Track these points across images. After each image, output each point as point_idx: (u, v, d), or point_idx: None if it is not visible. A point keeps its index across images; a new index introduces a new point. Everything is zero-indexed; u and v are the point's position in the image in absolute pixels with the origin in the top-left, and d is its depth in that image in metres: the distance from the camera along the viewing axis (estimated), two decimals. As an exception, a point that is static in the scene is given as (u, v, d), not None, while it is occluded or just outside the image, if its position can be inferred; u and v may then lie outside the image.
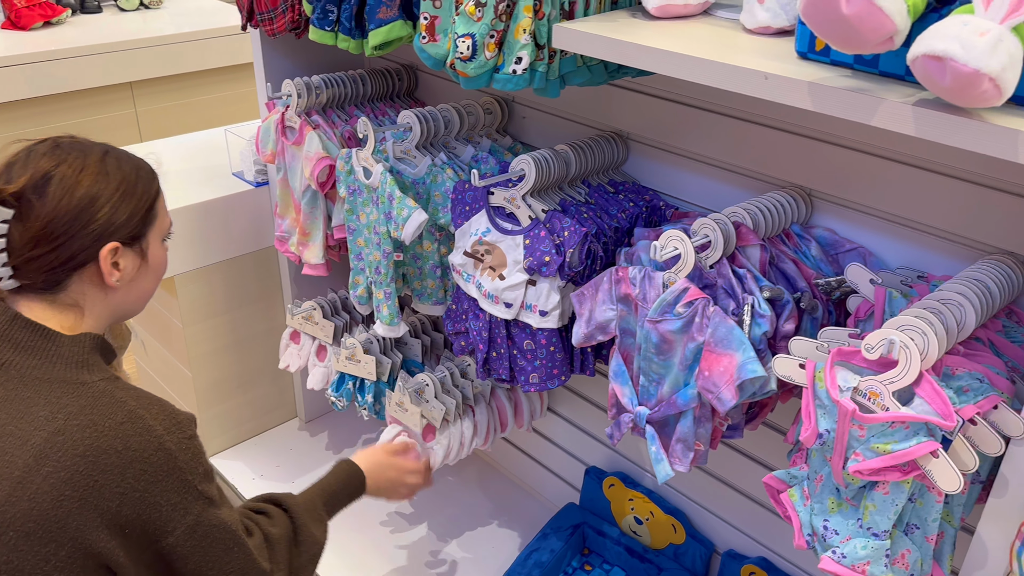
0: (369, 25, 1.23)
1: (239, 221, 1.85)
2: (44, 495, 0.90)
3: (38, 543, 0.91)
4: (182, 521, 0.98)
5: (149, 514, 0.95)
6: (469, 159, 1.50)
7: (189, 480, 0.98)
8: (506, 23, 1.06)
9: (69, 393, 0.95)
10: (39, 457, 0.91)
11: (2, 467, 0.91)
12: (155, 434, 0.96)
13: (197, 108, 3.16)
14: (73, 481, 0.91)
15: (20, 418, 0.93)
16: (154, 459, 0.95)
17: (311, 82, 1.61)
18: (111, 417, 0.95)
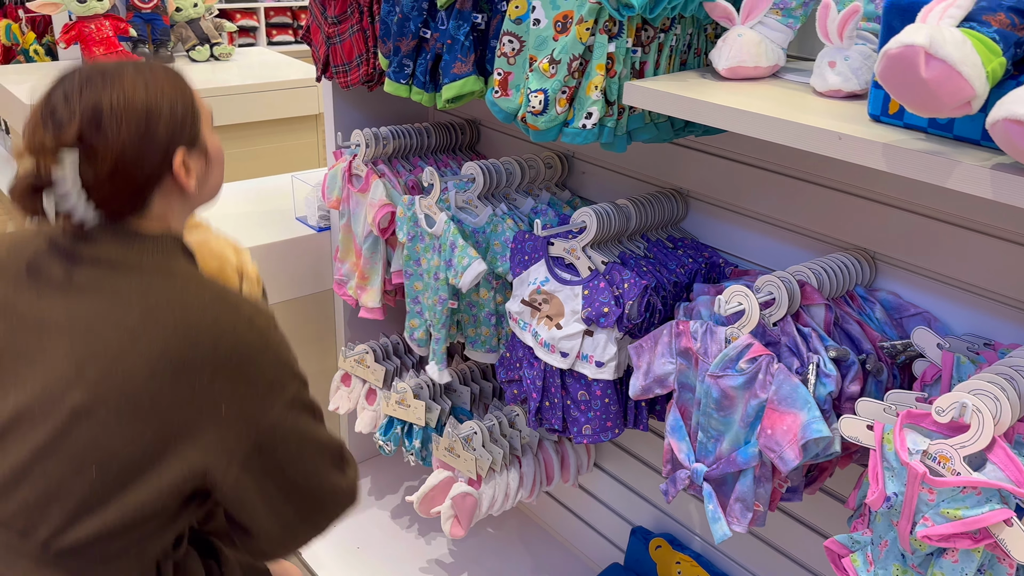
0: (443, 79, 1.28)
1: (300, 264, 1.90)
2: (137, 371, 0.91)
3: (128, 421, 0.91)
4: (280, 397, 0.97)
5: (244, 390, 0.94)
6: (529, 211, 1.53)
7: (283, 357, 0.99)
8: (578, 80, 1.09)
9: (160, 278, 0.97)
10: (133, 335, 0.92)
11: (97, 347, 0.92)
12: (244, 312, 0.98)
13: (261, 156, 3.27)
14: (166, 355, 0.92)
15: (114, 303, 0.94)
16: (246, 335, 0.96)
17: (379, 133, 1.67)
18: (200, 296, 0.97)
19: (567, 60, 1.08)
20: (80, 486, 0.92)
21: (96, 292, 0.95)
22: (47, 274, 0.96)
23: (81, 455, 0.91)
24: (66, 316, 0.94)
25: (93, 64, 0.97)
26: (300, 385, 1.01)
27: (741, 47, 1.05)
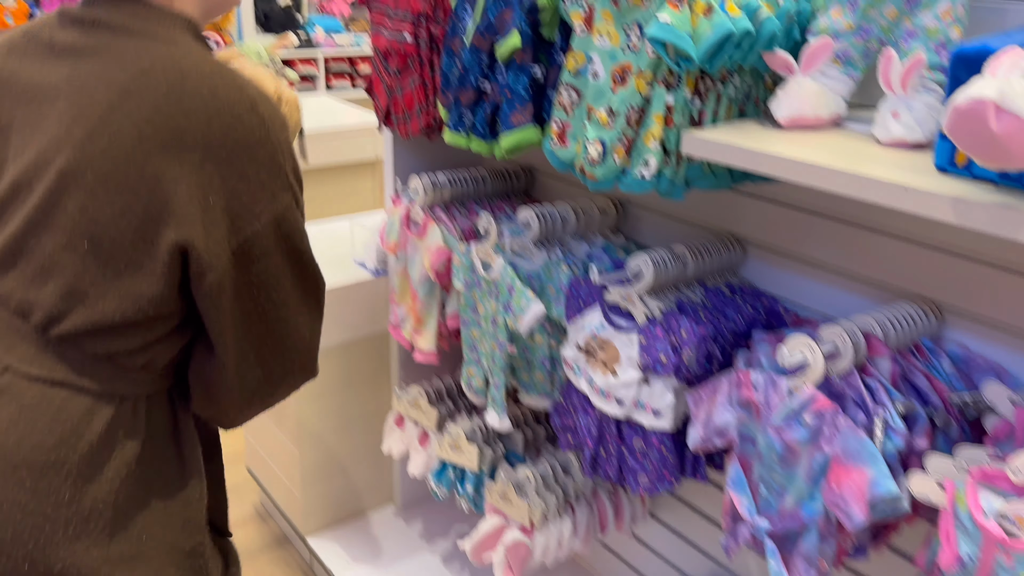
0: (502, 129, 1.30)
1: (358, 307, 1.93)
2: (125, 133, 0.85)
3: (115, 190, 0.85)
4: (268, 208, 0.90)
5: (235, 184, 0.87)
6: (584, 256, 1.54)
7: (279, 161, 0.90)
8: (636, 130, 1.10)
9: (161, 43, 0.90)
10: (122, 94, 0.86)
11: (86, 106, 0.87)
12: (247, 94, 0.89)
13: (322, 200, 3.36)
14: (155, 120, 0.85)
15: (111, 63, 0.88)
16: (245, 119, 0.88)
17: (437, 179, 1.70)
18: (201, 66, 0.89)
19: (625, 111, 1.09)
20: (73, 262, 0.87)
21: (97, 55, 0.90)
22: (53, 43, 0.92)
23: (71, 226, 0.87)
24: (66, 80, 0.90)
25: None
26: (291, 200, 0.92)
27: (801, 97, 1.05)
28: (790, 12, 1.07)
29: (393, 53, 1.59)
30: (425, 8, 1.49)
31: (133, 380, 0.94)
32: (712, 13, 1.00)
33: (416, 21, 1.52)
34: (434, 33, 1.51)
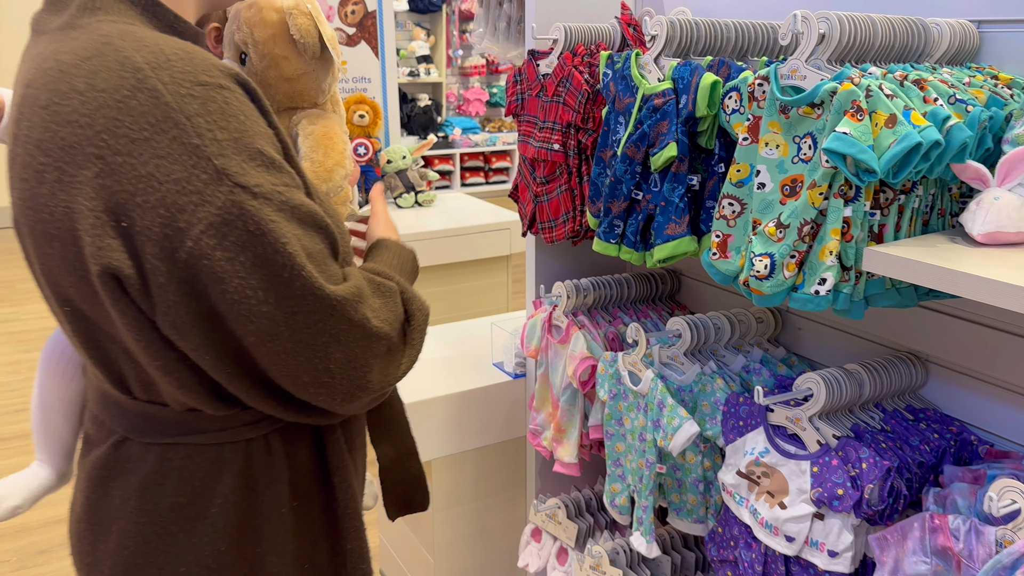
0: (656, 240, 1.25)
1: (495, 411, 1.89)
2: (28, 169, 0.71)
3: (46, 241, 0.72)
4: (197, 214, 0.69)
5: (146, 195, 0.68)
6: (740, 369, 1.44)
7: (197, 145, 0.69)
8: (809, 244, 1.03)
9: (56, 41, 0.74)
10: (18, 120, 0.73)
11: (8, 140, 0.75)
12: (131, 66, 0.69)
13: (455, 296, 3.41)
14: (43, 143, 0.70)
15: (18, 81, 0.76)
16: (132, 103, 0.68)
17: (580, 284, 1.67)
18: (79, 53, 0.71)
19: (797, 224, 1.02)
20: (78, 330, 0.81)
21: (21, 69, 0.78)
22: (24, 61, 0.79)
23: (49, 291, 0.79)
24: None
25: None
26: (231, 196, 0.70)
27: (999, 211, 0.95)
28: (982, 119, 0.99)
29: (541, 161, 1.59)
30: (575, 119, 1.49)
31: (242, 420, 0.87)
32: (896, 123, 0.93)
33: (565, 131, 1.52)
34: (583, 142, 1.50)
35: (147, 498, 0.87)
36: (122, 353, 0.81)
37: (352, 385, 0.83)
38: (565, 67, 1.52)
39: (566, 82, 1.52)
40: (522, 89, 1.66)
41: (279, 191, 0.73)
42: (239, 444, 0.88)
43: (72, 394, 1.07)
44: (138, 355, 0.79)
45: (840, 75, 1.00)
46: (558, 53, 1.56)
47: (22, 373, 3.68)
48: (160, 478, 0.87)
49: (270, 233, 0.72)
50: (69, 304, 0.77)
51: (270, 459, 0.90)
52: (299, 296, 0.75)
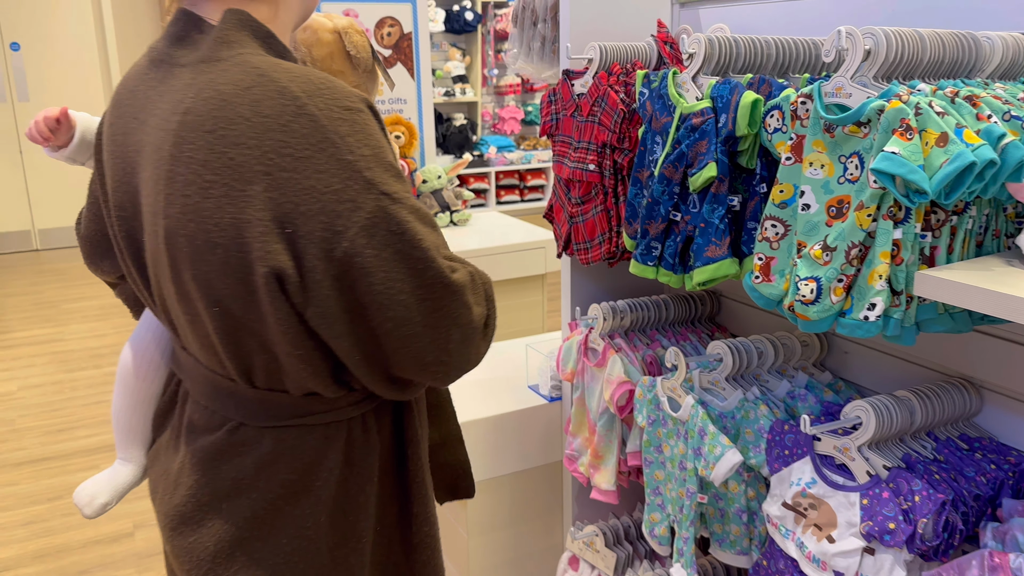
0: (695, 262, 1.22)
1: (531, 435, 1.86)
2: (191, 187, 0.81)
3: (207, 249, 0.82)
4: (352, 218, 0.80)
5: (309, 205, 0.79)
6: (784, 395, 1.40)
7: (349, 160, 0.81)
8: (857, 268, 0.99)
9: (203, 72, 0.83)
10: (177, 143, 0.82)
11: (158, 164, 0.83)
12: (291, 95, 0.80)
13: (487, 314, 3.39)
14: (211, 163, 0.80)
15: (169, 104, 0.84)
16: (295, 126, 0.79)
17: (616, 306, 1.64)
18: (238, 83, 0.81)
19: (844, 247, 0.98)
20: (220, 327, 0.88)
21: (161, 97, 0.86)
22: (138, 90, 0.91)
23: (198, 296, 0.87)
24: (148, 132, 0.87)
25: None
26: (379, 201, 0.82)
27: (1062, 231, 0.90)
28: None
29: (576, 182, 1.57)
30: (611, 139, 1.46)
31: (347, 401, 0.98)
32: (948, 142, 0.89)
33: (601, 151, 1.50)
34: (619, 162, 1.48)
35: (260, 476, 0.96)
36: (258, 346, 0.90)
37: (462, 364, 0.95)
38: (600, 86, 1.50)
39: (601, 102, 1.50)
40: (557, 109, 1.64)
41: (408, 196, 0.86)
42: (343, 423, 0.99)
43: (153, 393, 1.14)
44: (280, 346, 0.88)
45: (887, 92, 0.96)
46: (593, 72, 1.54)
47: (64, 393, 3.74)
48: (274, 457, 0.96)
49: (408, 231, 0.85)
50: (219, 304, 0.86)
51: (366, 435, 1.02)
52: (430, 284, 0.87)
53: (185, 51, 0.88)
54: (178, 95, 0.85)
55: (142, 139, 0.89)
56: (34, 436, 3.30)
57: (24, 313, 4.96)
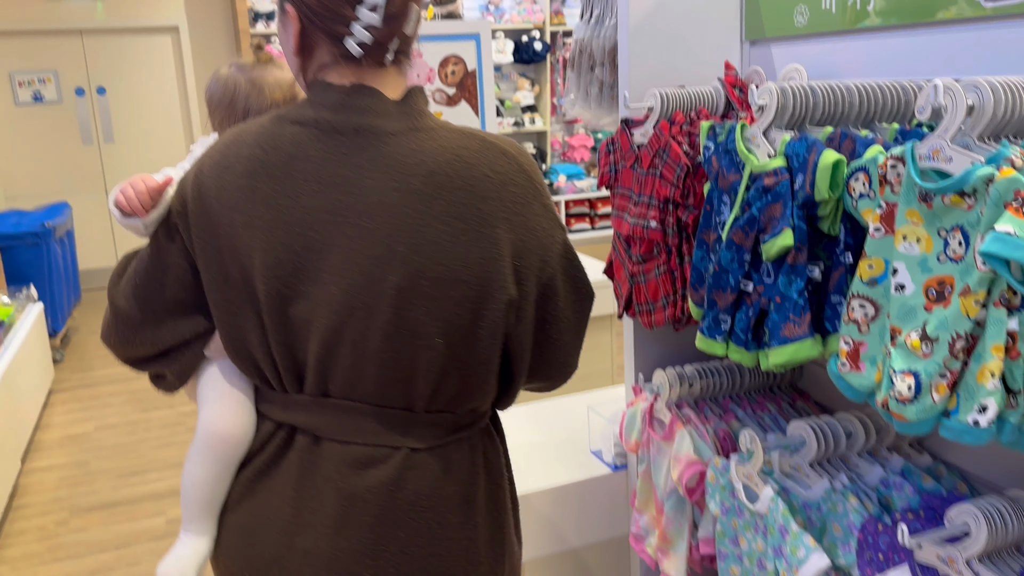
0: (771, 340, 1.08)
1: (594, 506, 1.73)
2: (442, 237, 0.94)
3: (449, 286, 0.96)
4: (554, 249, 1.03)
5: (531, 242, 1.00)
6: (877, 482, 1.23)
7: (547, 205, 1.04)
8: (964, 361, 0.84)
9: (422, 139, 0.97)
10: (424, 200, 0.94)
11: (393, 219, 0.94)
12: (511, 155, 1.00)
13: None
14: (463, 215, 0.95)
15: (390, 171, 0.95)
16: (519, 180, 1.00)
17: (684, 372, 1.50)
18: (469, 148, 0.98)
19: (947, 338, 0.83)
20: (432, 359, 0.98)
21: (373, 165, 0.95)
22: (311, 157, 0.96)
23: (423, 330, 0.97)
24: (355, 196, 0.95)
25: None
26: (564, 233, 1.07)
27: None
28: None
29: (637, 239, 1.45)
30: (673, 194, 1.34)
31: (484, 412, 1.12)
32: (1078, 217, 0.74)
33: (663, 207, 1.38)
34: (683, 220, 1.35)
35: (435, 496, 1.04)
36: (456, 371, 1.01)
37: (577, 364, 1.14)
38: (661, 137, 1.38)
39: (663, 154, 1.38)
40: (615, 159, 1.53)
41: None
42: (478, 432, 1.11)
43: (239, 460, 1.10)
44: (478, 367, 1.02)
45: (996, 156, 0.81)
46: (654, 122, 1.43)
47: (138, 434, 3.79)
48: (444, 474, 1.04)
49: (575, 256, 1.08)
50: (444, 335, 0.98)
51: (492, 439, 1.15)
52: (584, 298, 1.11)
53: (383, 120, 0.98)
54: (406, 159, 0.96)
55: (336, 200, 0.95)
56: (107, 479, 3.34)
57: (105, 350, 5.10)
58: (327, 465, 1.02)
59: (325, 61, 0.99)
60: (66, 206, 5.44)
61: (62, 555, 2.76)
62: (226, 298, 1.00)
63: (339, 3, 0.94)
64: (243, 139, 0.99)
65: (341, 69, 0.99)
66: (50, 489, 3.26)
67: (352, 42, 0.95)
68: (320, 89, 0.98)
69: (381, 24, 0.95)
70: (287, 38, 1.00)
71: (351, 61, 0.98)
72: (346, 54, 0.97)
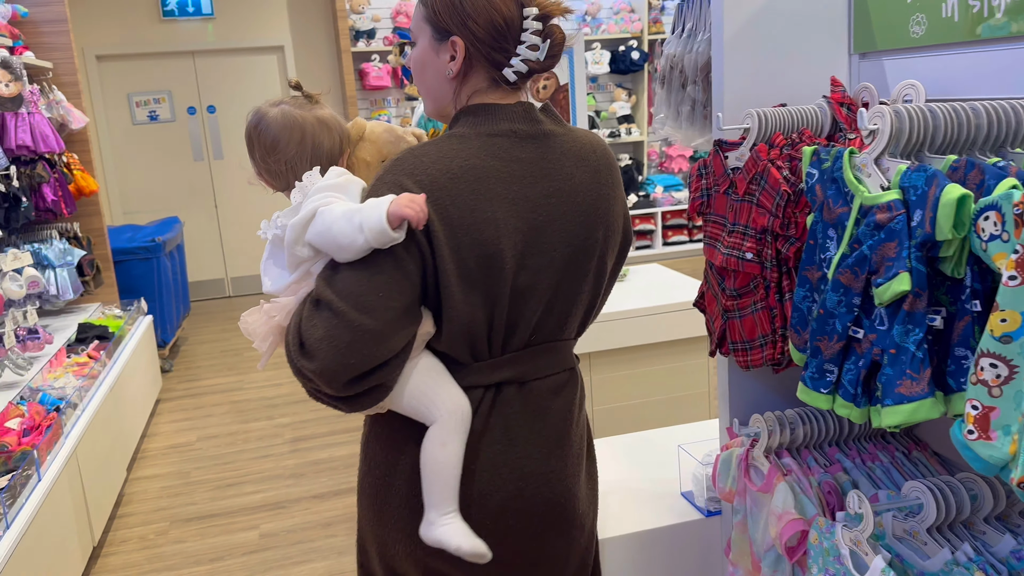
0: (884, 397, 0.96)
1: (684, 554, 1.62)
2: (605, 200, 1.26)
3: (612, 235, 1.27)
4: (625, 205, 1.33)
5: (618, 209, 1.29)
6: (1007, 554, 1.08)
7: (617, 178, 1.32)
8: None
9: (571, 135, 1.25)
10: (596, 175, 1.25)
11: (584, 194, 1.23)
12: (605, 143, 1.31)
13: (649, 379, 3.16)
14: (611, 182, 1.28)
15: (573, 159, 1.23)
16: (612, 160, 1.30)
17: (785, 417, 1.37)
18: (587, 137, 1.27)
19: (1105, 413, 0.69)
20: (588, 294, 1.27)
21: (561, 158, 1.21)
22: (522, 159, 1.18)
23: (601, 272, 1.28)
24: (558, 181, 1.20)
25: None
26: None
27: None
28: None
29: (731, 271, 1.34)
30: (772, 223, 1.22)
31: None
32: None
33: (760, 237, 1.26)
34: (783, 252, 1.23)
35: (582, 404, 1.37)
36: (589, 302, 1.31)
37: None
38: (759, 161, 1.27)
39: (760, 179, 1.26)
40: (708, 184, 1.42)
41: None
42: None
43: None
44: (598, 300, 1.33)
45: None
46: (750, 144, 1.31)
47: (237, 446, 3.89)
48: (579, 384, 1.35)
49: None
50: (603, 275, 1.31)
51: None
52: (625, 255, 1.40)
53: (546, 126, 1.22)
54: (575, 152, 1.24)
55: (548, 186, 1.20)
56: (205, 490, 3.43)
57: (212, 360, 5.30)
58: (533, 400, 1.23)
59: (481, 86, 1.18)
60: (177, 220, 5.69)
61: (160, 566, 2.84)
62: (461, 288, 1.13)
63: (507, 40, 1.14)
64: (447, 155, 1.14)
65: (496, 92, 1.19)
66: (152, 499, 3.38)
67: (510, 72, 1.16)
68: (495, 109, 1.19)
69: (543, 59, 1.18)
70: (442, 65, 1.18)
71: (502, 85, 1.18)
72: (500, 79, 1.17)
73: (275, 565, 2.79)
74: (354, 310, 1.07)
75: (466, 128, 1.17)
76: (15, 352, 3.11)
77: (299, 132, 1.22)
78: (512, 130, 1.17)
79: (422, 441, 1.16)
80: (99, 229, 4.48)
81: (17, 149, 3.57)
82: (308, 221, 1.10)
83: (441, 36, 1.15)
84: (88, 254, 4.14)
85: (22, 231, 4.02)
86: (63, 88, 4.24)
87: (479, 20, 1.12)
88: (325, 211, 1.09)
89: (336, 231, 1.07)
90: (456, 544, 1.14)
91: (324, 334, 1.06)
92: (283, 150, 1.22)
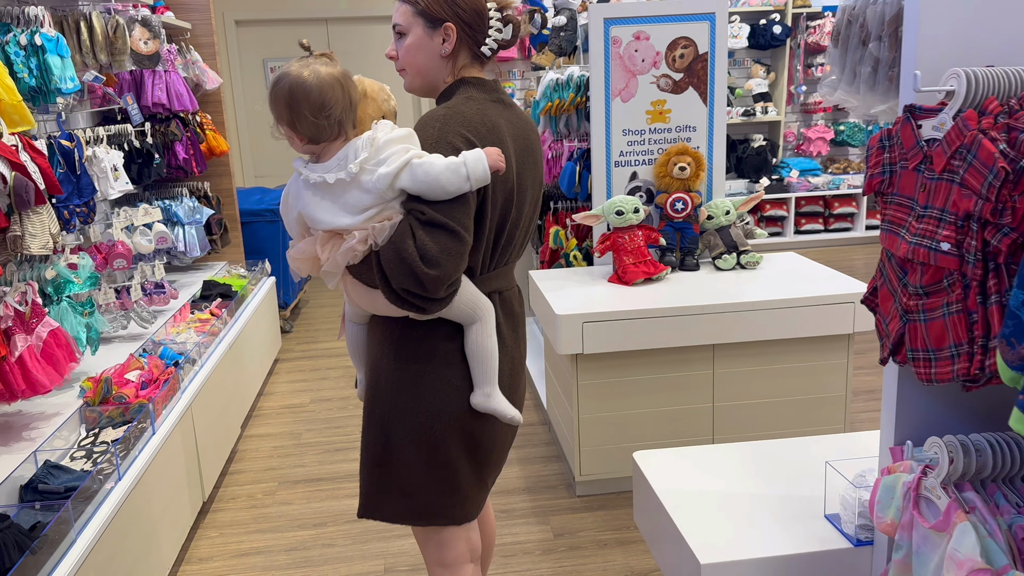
0: None
1: (826, 586, 1.41)
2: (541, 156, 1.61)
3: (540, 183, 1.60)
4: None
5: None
6: None
7: None
8: None
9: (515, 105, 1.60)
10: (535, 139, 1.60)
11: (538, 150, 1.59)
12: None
13: (772, 376, 2.90)
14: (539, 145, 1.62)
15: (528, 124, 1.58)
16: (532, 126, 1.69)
17: (968, 442, 1.14)
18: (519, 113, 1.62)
19: None
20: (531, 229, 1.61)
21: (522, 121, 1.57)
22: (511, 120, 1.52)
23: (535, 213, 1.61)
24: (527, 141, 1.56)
25: None
26: None
27: None
28: None
29: (918, 264, 1.11)
30: (980, 209, 0.99)
31: None
32: None
33: (963, 225, 1.03)
34: (992, 244, 1.00)
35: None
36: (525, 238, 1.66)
37: None
38: (966, 131, 1.04)
39: (966, 153, 1.03)
40: (892, 159, 1.19)
41: None
42: None
43: None
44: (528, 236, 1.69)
45: None
46: (954, 111, 1.08)
47: (348, 410, 3.89)
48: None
49: None
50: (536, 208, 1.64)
51: None
52: None
53: (509, 97, 1.57)
54: (525, 117, 1.59)
55: (524, 145, 1.54)
56: (315, 453, 3.44)
57: (329, 324, 5.37)
58: (508, 307, 1.58)
59: (465, 62, 1.50)
60: (303, 185, 5.77)
61: (266, 527, 2.85)
62: (492, 214, 1.44)
63: (484, 23, 1.47)
64: (480, 114, 1.44)
65: (477, 66, 1.53)
66: (263, 457, 3.42)
67: (487, 49, 1.50)
68: (483, 81, 1.52)
69: (511, 38, 1.51)
70: (436, 47, 1.47)
71: (480, 60, 1.52)
72: (478, 55, 1.50)
73: (375, 537, 2.75)
74: (462, 228, 1.36)
75: (474, 93, 1.48)
76: (140, 305, 3.19)
77: (339, 89, 1.36)
78: (499, 99, 1.52)
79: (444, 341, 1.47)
80: (228, 190, 4.58)
81: (153, 107, 3.65)
82: (400, 171, 1.32)
83: (434, 24, 1.45)
84: (216, 213, 4.23)
85: (154, 187, 4.14)
86: (200, 49, 4.34)
87: (466, 8, 1.44)
88: (426, 165, 1.32)
89: (444, 181, 1.32)
90: (504, 409, 1.50)
91: (445, 247, 1.33)
92: (332, 107, 1.34)
